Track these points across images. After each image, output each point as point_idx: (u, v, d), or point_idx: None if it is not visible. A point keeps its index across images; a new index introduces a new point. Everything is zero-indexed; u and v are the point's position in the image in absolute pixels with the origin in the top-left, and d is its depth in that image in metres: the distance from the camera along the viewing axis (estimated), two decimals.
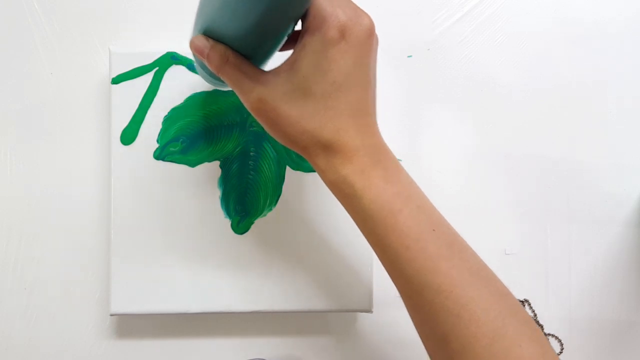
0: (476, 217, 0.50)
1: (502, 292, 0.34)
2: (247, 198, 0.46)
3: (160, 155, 0.46)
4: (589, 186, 0.51)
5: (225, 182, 0.46)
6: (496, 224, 0.50)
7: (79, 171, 0.48)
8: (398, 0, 0.51)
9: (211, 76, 0.38)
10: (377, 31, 0.50)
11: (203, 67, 0.38)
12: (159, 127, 0.46)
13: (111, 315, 0.45)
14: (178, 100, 0.46)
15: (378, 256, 0.35)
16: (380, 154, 0.35)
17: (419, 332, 0.35)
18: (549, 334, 0.50)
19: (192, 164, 0.46)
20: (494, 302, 0.33)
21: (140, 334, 0.48)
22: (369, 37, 0.33)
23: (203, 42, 0.35)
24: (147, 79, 0.46)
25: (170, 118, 0.46)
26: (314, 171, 0.46)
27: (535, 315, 0.50)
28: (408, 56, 0.51)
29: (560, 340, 0.50)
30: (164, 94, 0.46)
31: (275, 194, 0.47)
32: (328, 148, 0.34)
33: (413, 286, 0.33)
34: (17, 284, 0.48)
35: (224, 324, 0.49)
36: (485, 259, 0.50)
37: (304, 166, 0.47)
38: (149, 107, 0.46)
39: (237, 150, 0.46)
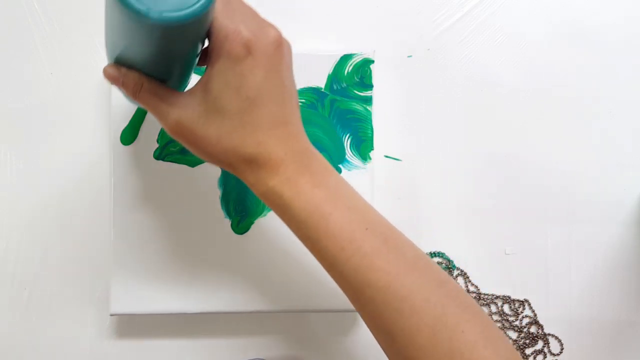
0: (476, 217, 0.50)
1: (441, 280, 0.34)
2: (247, 198, 0.46)
3: (160, 155, 0.46)
4: (589, 186, 0.51)
5: (225, 182, 0.46)
6: (496, 224, 0.50)
7: (79, 171, 0.48)
8: (398, 0, 0.51)
9: (132, 100, 0.38)
10: (377, 31, 0.50)
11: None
12: (159, 127, 0.46)
13: (111, 315, 0.45)
14: None
15: (318, 261, 0.35)
16: (306, 160, 0.35)
17: (370, 330, 0.36)
18: (549, 334, 0.50)
19: (192, 164, 0.46)
20: (433, 291, 0.33)
21: (140, 334, 0.48)
22: (277, 48, 0.33)
23: (115, 71, 0.35)
24: None
25: None
26: None
27: (535, 315, 0.50)
28: (408, 56, 0.51)
29: (560, 340, 0.50)
30: None
31: None
32: (252, 162, 0.34)
33: (353, 286, 0.34)
34: (17, 284, 0.48)
35: (224, 324, 0.49)
36: (485, 259, 0.50)
37: None
38: None
39: None
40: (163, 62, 0.34)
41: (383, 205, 0.49)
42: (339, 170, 0.47)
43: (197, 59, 0.35)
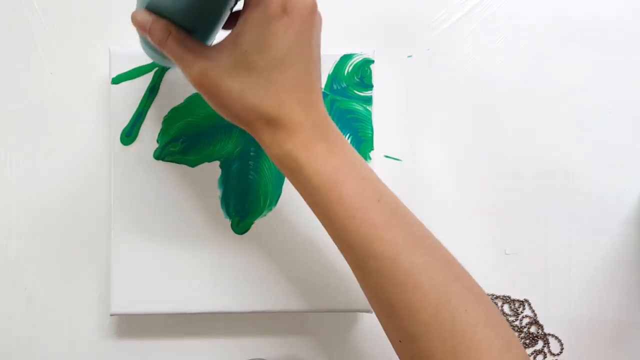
0: (476, 217, 0.50)
1: (447, 260, 0.34)
2: (247, 198, 0.46)
3: (160, 155, 0.46)
4: (589, 186, 0.51)
5: (225, 182, 0.46)
6: (496, 224, 0.50)
7: (79, 171, 0.48)
8: (398, 0, 0.51)
9: (155, 52, 0.38)
10: (377, 31, 0.50)
11: (147, 43, 0.38)
12: (159, 127, 0.46)
13: (111, 315, 0.45)
14: (178, 100, 0.46)
15: (326, 229, 0.35)
16: (324, 128, 0.35)
17: (370, 304, 0.36)
18: (549, 334, 0.50)
19: (192, 164, 0.46)
20: (438, 269, 0.33)
21: (140, 334, 0.48)
22: (311, 14, 0.33)
23: (145, 17, 0.35)
24: (147, 79, 0.46)
25: (170, 118, 0.46)
26: None
27: (535, 315, 0.50)
28: (408, 56, 0.51)
29: (560, 340, 0.50)
30: (164, 94, 0.46)
31: (275, 194, 0.47)
32: (271, 123, 0.34)
33: (359, 256, 0.34)
34: (17, 284, 0.48)
35: (224, 324, 0.49)
36: (485, 259, 0.50)
37: None
38: (149, 107, 0.46)
39: (237, 150, 0.46)
40: (197, 10, 0.34)
41: None
42: None
43: (227, 15, 0.35)
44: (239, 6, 0.36)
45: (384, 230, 0.33)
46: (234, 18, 0.36)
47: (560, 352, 0.50)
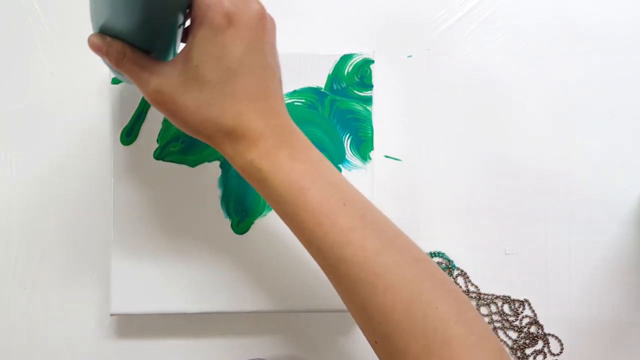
0: (476, 217, 0.50)
1: (418, 258, 0.34)
2: (247, 198, 0.46)
3: (160, 155, 0.46)
4: (589, 186, 0.51)
5: (225, 182, 0.46)
6: (496, 224, 0.50)
7: (79, 171, 0.48)
8: (398, 0, 0.51)
9: (116, 72, 0.39)
10: (377, 31, 0.50)
11: (108, 63, 0.38)
12: (159, 127, 0.46)
13: (111, 315, 0.45)
14: None
15: (296, 236, 0.35)
16: (286, 134, 0.35)
17: (346, 307, 0.36)
18: (549, 334, 0.50)
19: (192, 164, 0.46)
20: (409, 268, 0.33)
21: (140, 334, 0.48)
22: (260, 21, 0.33)
23: (100, 40, 0.35)
24: None
25: None
26: None
27: (535, 315, 0.50)
28: (408, 56, 0.51)
29: (560, 340, 0.50)
30: None
31: None
32: (231, 134, 0.34)
33: (329, 261, 0.34)
34: (17, 284, 0.48)
35: (224, 324, 0.49)
36: (485, 259, 0.50)
37: None
38: (149, 107, 0.46)
39: None
40: (148, 30, 0.34)
41: (383, 205, 0.49)
42: (339, 170, 0.47)
43: (181, 32, 0.35)
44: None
45: (351, 234, 0.33)
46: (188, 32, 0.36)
47: (560, 352, 0.50)
